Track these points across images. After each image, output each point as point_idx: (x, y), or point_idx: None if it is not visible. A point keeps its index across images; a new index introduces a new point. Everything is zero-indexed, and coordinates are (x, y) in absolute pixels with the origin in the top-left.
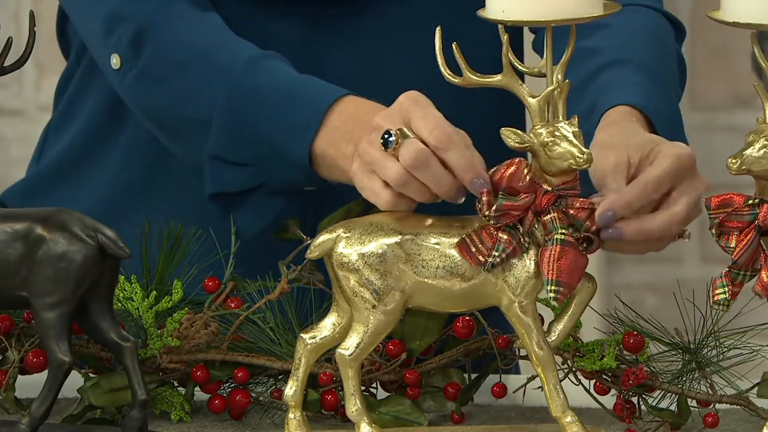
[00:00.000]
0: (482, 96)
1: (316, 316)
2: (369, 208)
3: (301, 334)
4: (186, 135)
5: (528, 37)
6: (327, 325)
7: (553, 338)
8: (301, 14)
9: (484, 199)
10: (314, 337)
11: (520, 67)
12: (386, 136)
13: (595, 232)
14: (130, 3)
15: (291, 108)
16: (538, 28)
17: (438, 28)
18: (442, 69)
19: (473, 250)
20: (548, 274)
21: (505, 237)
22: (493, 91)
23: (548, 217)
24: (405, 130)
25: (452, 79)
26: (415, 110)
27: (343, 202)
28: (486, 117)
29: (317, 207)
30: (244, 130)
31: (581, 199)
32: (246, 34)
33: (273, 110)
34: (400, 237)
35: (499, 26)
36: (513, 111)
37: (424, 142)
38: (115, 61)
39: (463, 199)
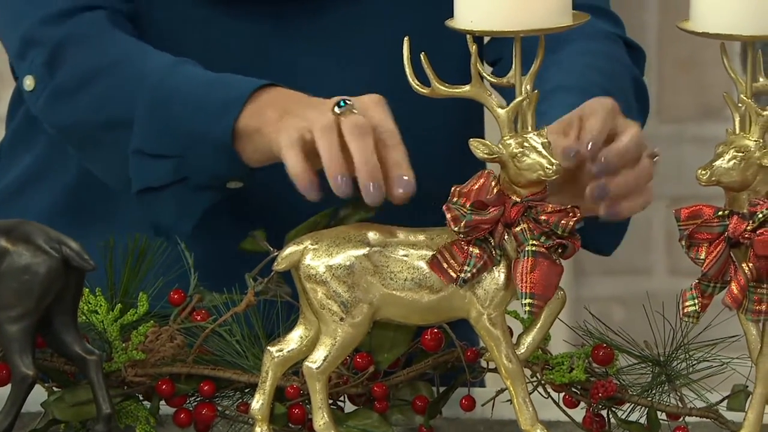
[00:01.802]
0: (445, 100)
1: (283, 328)
2: (335, 220)
3: (268, 347)
4: (104, 143)
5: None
6: (294, 338)
7: (522, 351)
8: (262, 13)
9: (448, 216)
10: (281, 350)
11: (488, 78)
12: (342, 102)
13: (570, 234)
14: (43, 27)
15: (214, 95)
16: (491, 47)
17: (406, 39)
18: (410, 80)
19: (445, 266)
20: (522, 287)
21: (476, 251)
22: (455, 99)
23: (518, 228)
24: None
25: (420, 89)
26: (375, 106)
27: (310, 215)
28: (446, 123)
29: (282, 219)
30: (167, 122)
31: (550, 204)
32: (207, 34)
33: (196, 100)
34: (367, 249)
35: (468, 36)
36: (475, 118)
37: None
38: (28, 82)
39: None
